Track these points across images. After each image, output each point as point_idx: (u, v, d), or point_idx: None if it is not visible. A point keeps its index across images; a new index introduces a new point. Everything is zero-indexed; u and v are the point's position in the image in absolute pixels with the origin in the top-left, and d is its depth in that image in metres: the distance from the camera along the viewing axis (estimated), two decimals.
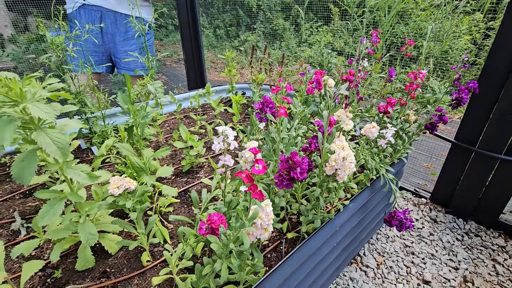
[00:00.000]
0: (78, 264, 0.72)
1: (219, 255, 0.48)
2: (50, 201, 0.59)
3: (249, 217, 0.44)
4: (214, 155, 1.28)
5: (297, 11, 5.07)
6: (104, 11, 1.46)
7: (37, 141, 0.48)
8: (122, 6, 1.48)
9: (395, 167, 1.08)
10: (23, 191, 1.05)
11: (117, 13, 1.49)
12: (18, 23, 6.00)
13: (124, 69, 1.60)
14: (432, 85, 2.95)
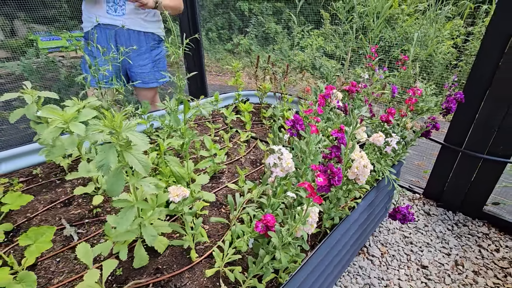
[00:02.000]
0: (135, 263, 0.83)
1: (278, 247, 0.61)
2: (123, 209, 0.70)
3: (304, 216, 0.57)
4: (232, 161, 1.41)
5: (289, 15, 5.23)
6: (118, 29, 1.55)
7: (128, 161, 0.59)
8: (134, 24, 1.56)
9: (395, 168, 1.24)
10: (62, 201, 1.14)
11: (130, 30, 1.57)
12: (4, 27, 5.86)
13: (139, 82, 1.69)
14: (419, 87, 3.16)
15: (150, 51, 1.64)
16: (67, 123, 0.81)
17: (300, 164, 0.79)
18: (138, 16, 1.54)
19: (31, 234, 0.77)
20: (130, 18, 1.53)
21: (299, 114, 1.05)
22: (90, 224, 1.02)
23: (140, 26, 1.57)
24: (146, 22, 1.59)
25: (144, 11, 1.56)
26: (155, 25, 1.64)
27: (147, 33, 1.61)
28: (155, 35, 1.66)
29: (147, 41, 1.62)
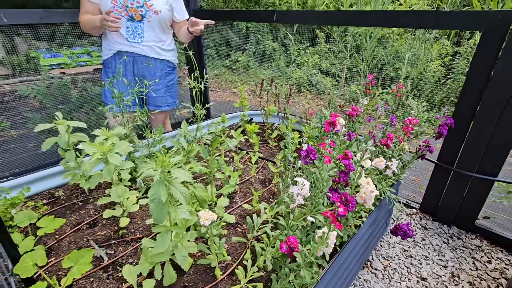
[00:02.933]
0: (165, 281, 0.91)
1: (301, 266, 0.70)
2: (161, 233, 0.79)
3: (325, 239, 0.66)
4: (243, 181, 1.50)
5: (285, 33, 5.44)
6: (136, 57, 1.66)
7: (172, 193, 0.69)
8: (151, 51, 1.69)
9: (394, 187, 1.35)
10: (87, 222, 1.22)
11: (148, 57, 1.69)
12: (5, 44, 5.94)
13: (152, 106, 1.79)
14: (411, 104, 3.33)
15: (164, 77, 1.77)
16: (104, 154, 0.90)
17: (314, 189, 0.90)
18: (155, 44, 1.67)
19: (72, 256, 0.85)
20: (148, 46, 1.65)
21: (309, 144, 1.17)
22: (117, 245, 1.10)
23: (157, 53, 1.69)
24: (163, 50, 1.71)
25: (161, 40, 1.69)
26: (170, 53, 1.77)
27: (162, 60, 1.74)
28: (169, 62, 1.79)
29: (162, 68, 1.75)
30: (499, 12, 1.23)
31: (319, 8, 5.22)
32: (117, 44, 1.61)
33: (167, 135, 1.76)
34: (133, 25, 1.58)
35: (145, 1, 1.55)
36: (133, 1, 1.53)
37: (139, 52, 1.64)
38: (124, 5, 1.52)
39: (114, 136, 1.07)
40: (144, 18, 1.58)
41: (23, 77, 4.88)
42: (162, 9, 1.60)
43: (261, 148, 1.89)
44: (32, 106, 3.13)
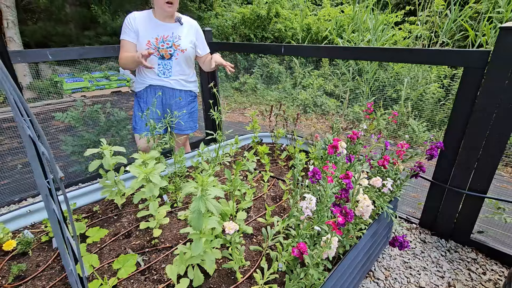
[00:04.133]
0: (194, 282, 1.08)
1: (310, 266, 0.86)
2: (195, 239, 0.97)
3: (329, 243, 0.83)
4: (256, 197, 1.68)
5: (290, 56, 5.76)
6: (165, 89, 1.92)
7: (207, 206, 0.88)
8: (178, 84, 1.95)
9: (392, 203, 1.51)
10: (123, 233, 1.40)
11: (175, 89, 1.95)
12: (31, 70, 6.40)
13: (177, 130, 2.03)
14: (412, 124, 3.51)
15: (187, 105, 2.02)
16: (147, 175, 1.10)
17: (319, 204, 1.08)
18: (181, 78, 1.93)
19: (120, 259, 1.03)
20: (175, 79, 1.91)
21: (315, 165, 1.35)
22: (150, 252, 1.28)
23: (182, 85, 1.96)
24: (187, 82, 1.98)
25: (186, 74, 1.95)
26: (192, 84, 2.05)
27: (186, 91, 2.01)
28: (192, 91, 2.05)
29: (186, 97, 2.01)
30: (476, 51, 1.43)
31: (322, 34, 5.55)
32: (149, 79, 1.87)
33: (187, 156, 1.97)
34: (163, 62, 1.84)
35: (173, 42, 1.82)
36: (163, 43, 1.80)
37: (168, 85, 1.90)
38: (156, 46, 1.79)
39: (150, 159, 1.28)
40: (173, 56, 1.84)
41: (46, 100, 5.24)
42: (188, 48, 1.86)
43: (272, 168, 2.08)
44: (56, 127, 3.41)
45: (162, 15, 1.81)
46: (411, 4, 7.08)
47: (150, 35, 1.78)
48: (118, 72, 6.52)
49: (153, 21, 1.81)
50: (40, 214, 1.48)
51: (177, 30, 1.85)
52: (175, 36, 1.84)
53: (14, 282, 1.13)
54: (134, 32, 1.77)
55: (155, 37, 1.78)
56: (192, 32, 1.93)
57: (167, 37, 1.81)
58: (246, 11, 6.85)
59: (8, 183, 2.45)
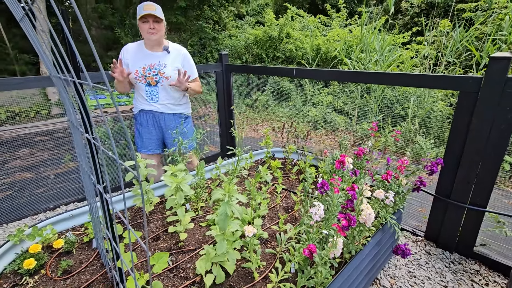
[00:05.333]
0: (217, 279, 1.23)
1: (319, 263, 1.00)
2: (219, 240, 1.13)
3: (334, 243, 0.98)
4: (269, 208, 1.83)
5: None
6: (154, 113, 2.09)
7: (232, 210, 1.04)
8: (166, 108, 2.09)
9: (396, 215, 1.64)
10: (152, 237, 1.58)
11: (163, 113, 2.10)
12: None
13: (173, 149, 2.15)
14: (419, 141, 3.61)
15: (178, 126, 2.16)
16: (178, 184, 1.29)
17: (327, 212, 1.23)
18: (168, 102, 2.08)
19: (155, 256, 1.20)
20: (162, 104, 2.06)
21: (324, 178, 1.51)
22: (177, 254, 1.44)
23: (170, 109, 2.10)
24: (175, 106, 2.12)
25: (173, 98, 2.09)
26: (182, 106, 2.17)
27: (175, 114, 2.15)
28: (182, 114, 2.19)
29: (176, 120, 2.16)
30: (470, 77, 1.59)
31: (332, 54, 5.79)
32: (140, 103, 2.06)
33: (207, 169, 2.16)
34: (150, 89, 2.00)
35: (159, 70, 1.96)
36: (150, 71, 1.96)
37: (156, 110, 2.06)
38: (143, 75, 1.95)
39: (179, 171, 1.47)
40: (158, 83, 1.99)
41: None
42: (172, 75, 1.99)
43: (283, 181, 2.24)
44: None
45: (150, 44, 1.96)
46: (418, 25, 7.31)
47: (138, 64, 1.94)
48: None
49: (143, 51, 1.98)
50: (80, 218, 1.68)
51: (164, 58, 1.99)
52: (161, 64, 1.97)
53: (62, 276, 1.31)
54: (125, 63, 1.95)
55: (143, 66, 1.94)
56: (178, 59, 2.04)
57: (153, 65, 1.96)
58: (258, 32, 7.22)
59: (43, 191, 2.69)
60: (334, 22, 7.20)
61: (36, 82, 2.04)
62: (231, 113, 3.15)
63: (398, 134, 1.82)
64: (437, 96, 4.15)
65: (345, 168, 1.48)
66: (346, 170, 1.53)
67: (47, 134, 4.65)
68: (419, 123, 3.96)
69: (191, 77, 2.11)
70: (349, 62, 5.02)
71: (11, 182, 2.98)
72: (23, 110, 5.85)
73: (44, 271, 1.32)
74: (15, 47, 7.10)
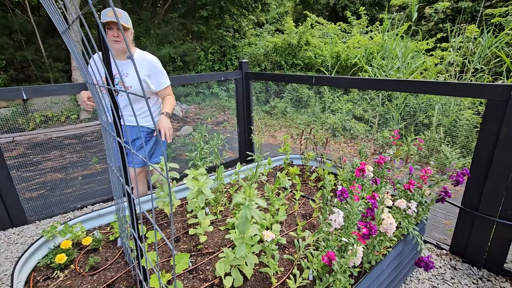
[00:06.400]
0: (235, 282, 1.25)
1: (338, 271, 1.00)
2: (238, 243, 1.15)
3: (354, 251, 0.97)
4: (287, 214, 1.84)
5: None
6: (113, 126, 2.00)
7: (253, 214, 1.07)
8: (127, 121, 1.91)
9: (418, 226, 1.59)
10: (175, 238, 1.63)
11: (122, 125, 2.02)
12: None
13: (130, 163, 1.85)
14: (444, 151, 3.48)
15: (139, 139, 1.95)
16: (200, 188, 1.33)
17: (347, 220, 1.22)
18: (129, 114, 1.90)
19: (177, 257, 1.24)
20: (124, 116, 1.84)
21: (343, 186, 1.50)
22: (196, 256, 1.48)
23: (130, 122, 1.91)
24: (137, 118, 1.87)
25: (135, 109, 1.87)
26: (146, 119, 1.96)
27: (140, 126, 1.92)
28: (144, 127, 1.95)
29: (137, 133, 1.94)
30: (499, 85, 1.53)
31: (352, 61, 5.74)
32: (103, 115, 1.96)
33: (226, 173, 2.20)
34: None
35: (120, 80, 1.77)
36: None
37: None
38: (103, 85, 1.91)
39: (199, 175, 1.52)
40: (119, 93, 1.82)
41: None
42: (133, 84, 1.81)
43: (302, 188, 2.23)
44: None
45: (115, 53, 1.82)
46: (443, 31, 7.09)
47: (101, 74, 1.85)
48: None
49: None
50: (106, 218, 1.76)
51: (126, 67, 1.84)
52: (123, 73, 1.83)
53: (89, 272, 1.38)
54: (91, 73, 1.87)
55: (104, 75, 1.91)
56: (143, 67, 1.86)
57: (115, 74, 1.78)
58: (278, 40, 7.30)
59: (71, 191, 2.85)
60: (355, 29, 7.15)
61: (70, 89, 2.19)
62: (250, 120, 3.20)
63: (421, 143, 1.78)
64: (463, 104, 3.98)
65: (365, 177, 1.47)
66: (367, 178, 1.51)
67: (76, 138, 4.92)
68: (444, 132, 3.82)
69: (161, 86, 1.93)
70: (370, 69, 4.95)
71: (43, 182, 3.18)
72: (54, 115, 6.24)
73: (73, 266, 1.40)
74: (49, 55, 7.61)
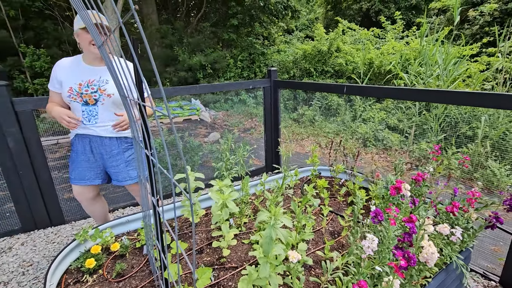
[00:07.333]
0: None
1: None
2: (262, 263, 1.10)
3: (390, 285, 0.88)
4: (314, 230, 1.75)
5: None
6: (91, 137, 1.75)
7: (277, 233, 1.01)
8: (106, 131, 1.74)
9: (463, 253, 1.42)
10: (197, 249, 1.62)
11: (102, 137, 1.75)
12: None
13: (115, 181, 1.86)
14: (492, 167, 3.15)
15: (123, 153, 1.81)
16: (224, 201, 1.31)
17: (381, 245, 1.12)
18: (110, 124, 1.72)
19: (199, 271, 1.22)
20: (102, 126, 1.72)
21: (376, 203, 1.40)
22: (219, 269, 1.45)
23: (112, 132, 1.75)
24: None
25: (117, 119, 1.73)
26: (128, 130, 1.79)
27: (119, 138, 1.79)
28: (128, 138, 1.83)
29: (120, 144, 1.80)
30: None
31: (386, 68, 5.48)
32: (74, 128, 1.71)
33: (251, 184, 2.17)
34: (88, 108, 1.67)
35: (99, 87, 1.67)
36: (88, 88, 1.65)
37: (92, 133, 1.72)
38: (79, 92, 1.64)
39: (225, 186, 1.50)
40: (98, 101, 1.68)
41: None
42: (115, 92, 1.69)
43: (330, 202, 2.13)
44: None
45: (90, 58, 1.69)
46: (490, 34, 6.55)
47: (73, 81, 1.65)
48: (190, 102, 7.42)
49: (80, 66, 1.69)
50: (134, 224, 1.81)
51: (106, 73, 1.70)
52: (102, 80, 1.69)
53: (116, 278, 1.41)
54: (57, 81, 1.67)
55: (79, 82, 1.65)
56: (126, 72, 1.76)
57: (93, 81, 1.67)
58: (307, 47, 7.22)
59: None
60: (389, 34, 6.85)
61: None
62: (277, 130, 3.15)
63: (466, 160, 1.61)
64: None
65: (403, 198, 1.35)
66: (405, 199, 1.39)
67: None
68: (491, 145, 3.47)
69: None
70: (406, 77, 4.69)
71: None
72: None
73: (101, 271, 1.44)
74: None
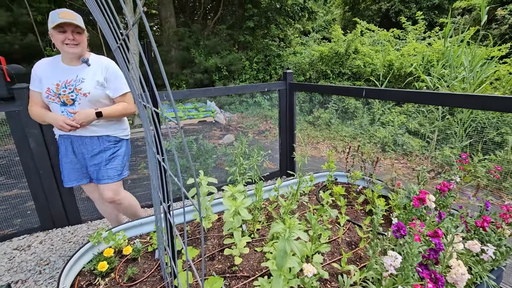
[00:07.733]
0: None
1: None
2: (275, 275, 1.05)
3: None
4: (329, 240, 1.68)
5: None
6: (72, 137, 1.78)
7: (291, 247, 0.96)
8: (85, 131, 1.76)
9: (494, 273, 1.30)
10: (208, 256, 1.59)
11: (82, 137, 1.78)
12: None
13: (95, 180, 1.87)
14: None
15: (104, 151, 1.83)
16: (237, 208, 1.27)
17: (404, 261, 1.04)
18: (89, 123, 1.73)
19: (210, 280, 1.18)
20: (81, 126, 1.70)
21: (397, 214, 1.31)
22: (230, 278, 1.41)
23: (92, 132, 1.77)
24: (99, 127, 1.79)
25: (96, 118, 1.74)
26: (110, 128, 1.83)
27: (100, 137, 1.81)
28: (110, 136, 1.84)
29: (101, 143, 1.82)
30: None
31: (406, 70, 5.28)
32: (57, 129, 1.76)
33: (265, 189, 2.12)
34: (66, 109, 1.69)
35: (75, 86, 1.67)
36: (65, 88, 1.66)
37: (73, 134, 1.75)
38: (56, 93, 1.66)
39: (238, 192, 1.46)
40: (75, 101, 1.69)
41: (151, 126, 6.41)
42: (91, 90, 1.69)
43: (347, 210, 2.04)
44: None
45: (67, 58, 1.70)
46: None
47: (51, 81, 1.66)
48: (205, 104, 7.48)
49: (59, 66, 1.70)
50: (147, 226, 1.80)
51: (82, 72, 1.70)
52: (78, 80, 1.69)
53: (127, 283, 1.40)
54: (38, 79, 1.69)
55: (56, 83, 1.66)
56: (100, 72, 1.74)
57: (70, 81, 1.67)
58: (324, 49, 7.10)
59: None
60: (410, 35, 6.61)
61: None
62: (292, 135, 3.09)
63: (498, 170, 1.49)
64: None
65: (429, 211, 1.26)
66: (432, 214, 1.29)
67: None
68: None
69: (118, 92, 1.81)
70: (429, 79, 4.49)
71: None
72: None
73: (113, 275, 1.44)
74: None
